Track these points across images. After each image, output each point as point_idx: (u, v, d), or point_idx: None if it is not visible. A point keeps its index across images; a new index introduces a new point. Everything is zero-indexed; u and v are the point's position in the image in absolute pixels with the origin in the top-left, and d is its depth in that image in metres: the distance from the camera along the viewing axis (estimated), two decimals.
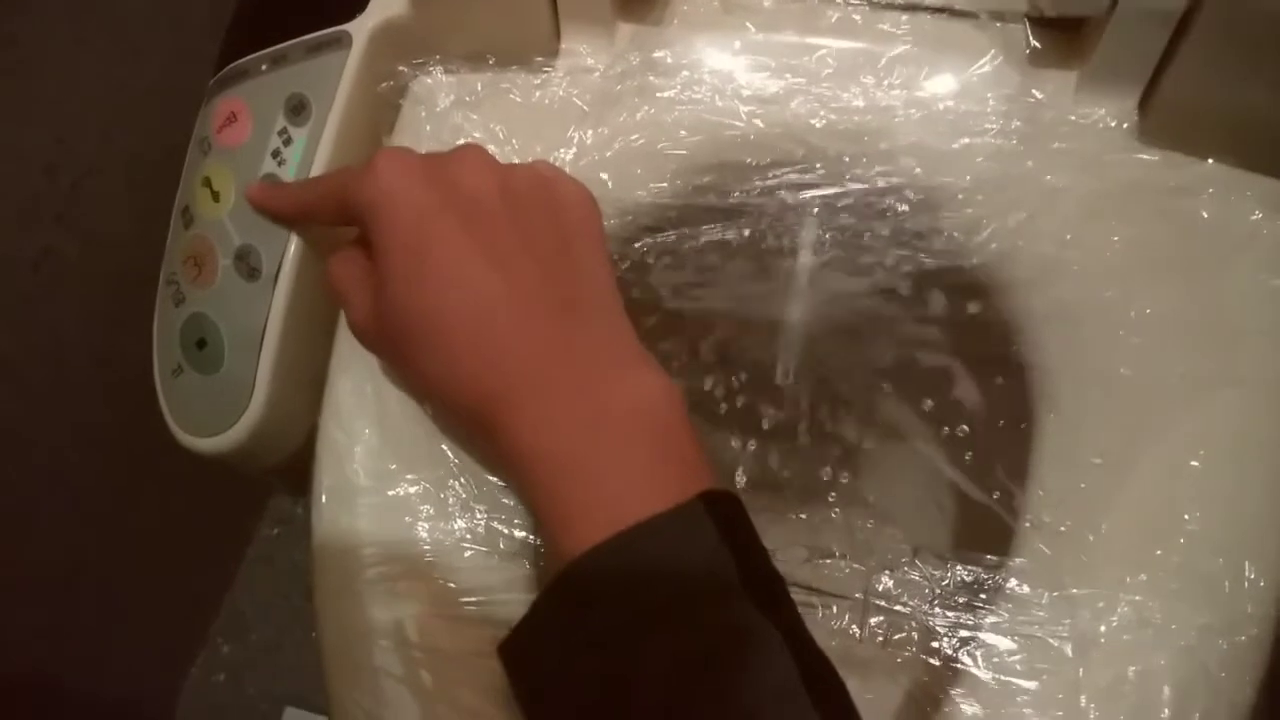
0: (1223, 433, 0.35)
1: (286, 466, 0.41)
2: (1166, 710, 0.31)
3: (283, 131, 0.40)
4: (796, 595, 0.29)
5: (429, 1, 0.41)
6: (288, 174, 0.40)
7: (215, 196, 0.40)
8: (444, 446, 0.35)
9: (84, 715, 0.67)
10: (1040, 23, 0.40)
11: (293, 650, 0.79)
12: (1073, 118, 0.39)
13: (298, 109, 0.41)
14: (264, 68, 0.42)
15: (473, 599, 0.34)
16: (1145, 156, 0.39)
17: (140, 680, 0.74)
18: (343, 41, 0.41)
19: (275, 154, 0.40)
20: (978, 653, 0.33)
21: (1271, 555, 0.33)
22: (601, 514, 0.27)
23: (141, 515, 0.67)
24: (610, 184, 0.40)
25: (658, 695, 0.26)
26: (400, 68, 0.42)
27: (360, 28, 0.41)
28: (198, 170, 0.42)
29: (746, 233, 0.41)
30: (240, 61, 0.43)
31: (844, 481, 0.47)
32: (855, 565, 0.36)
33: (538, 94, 0.42)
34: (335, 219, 0.35)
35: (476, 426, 0.31)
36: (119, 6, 0.52)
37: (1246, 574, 0.33)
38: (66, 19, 0.49)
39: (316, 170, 0.40)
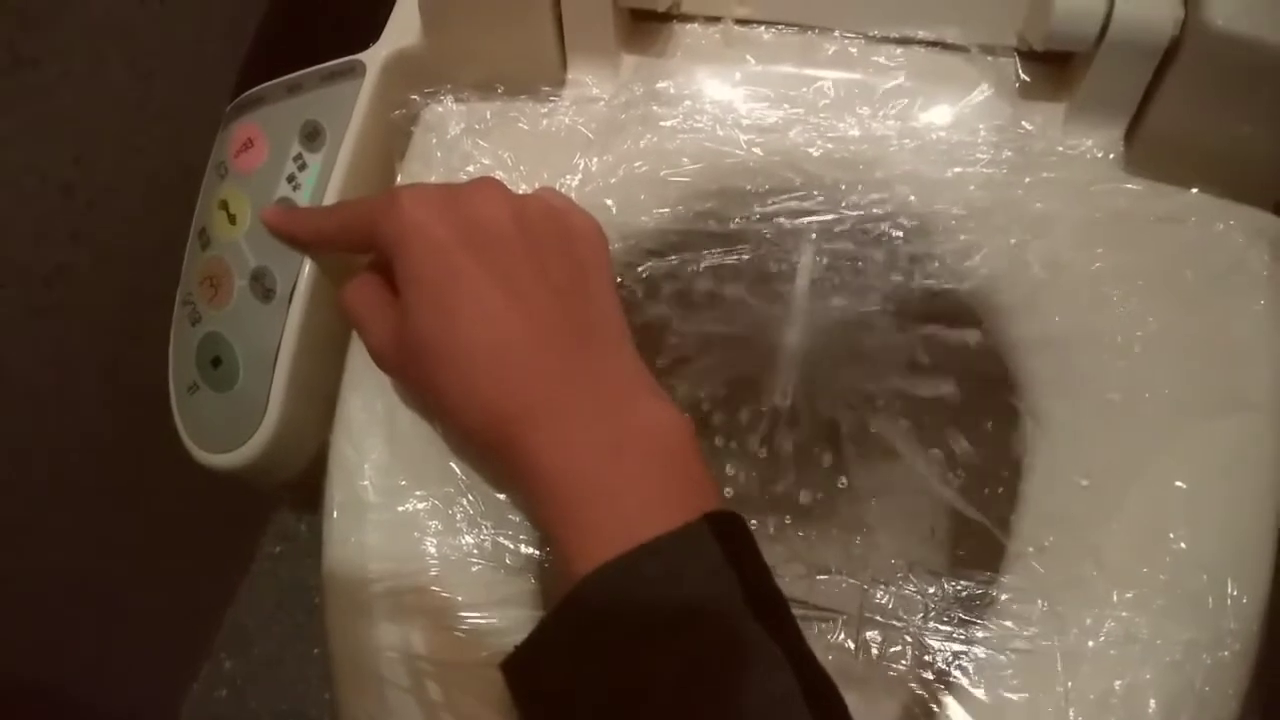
0: (1208, 454, 0.36)
1: (298, 482, 0.42)
2: None
3: (298, 157, 0.42)
4: (794, 611, 0.30)
5: (441, 33, 0.43)
6: (302, 199, 0.41)
7: (231, 219, 0.42)
8: (452, 464, 0.36)
9: None
10: (1030, 56, 0.42)
11: (295, 666, 0.79)
12: (1061, 148, 0.40)
13: (312, 135, 0.42)
14: (280, 95, 0.43)
15: (479, 613, 0.35)
16: (1132, 186, 0.40)
17: (142, 694, 0.74)
18: (356, 70, 0.43)
19: (290, 179, 0.41)
20: (970, 667, 0.34)
21: (1254, 572, 0.34)
22: (614, 534, 0.28)
23: (145, 529, 0.67)
24: (614, 209, 0.41)
25: (659, 709, 0.27)
26: (412, 96, 0.43)
27: (374, 57, 0.43)
28: (215, 193, 0.43)
29: (746, 257, 0.42)
30: (257, 88, 0.44)
31: (841, 500, 0.48)
32: (851, 581, 0.37)
33: (545, 122, 0.43)
34: (353, 247, 0.36)
35: (491, 448, 0.32)
36: (138, 30, 0.53)
37: (1230, 591, 0.33)
38: (87, 42, 0.50)
39: (331, 195, 0.41)
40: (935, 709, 0.33)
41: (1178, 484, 0.35)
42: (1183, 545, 0.34)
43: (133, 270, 0.58)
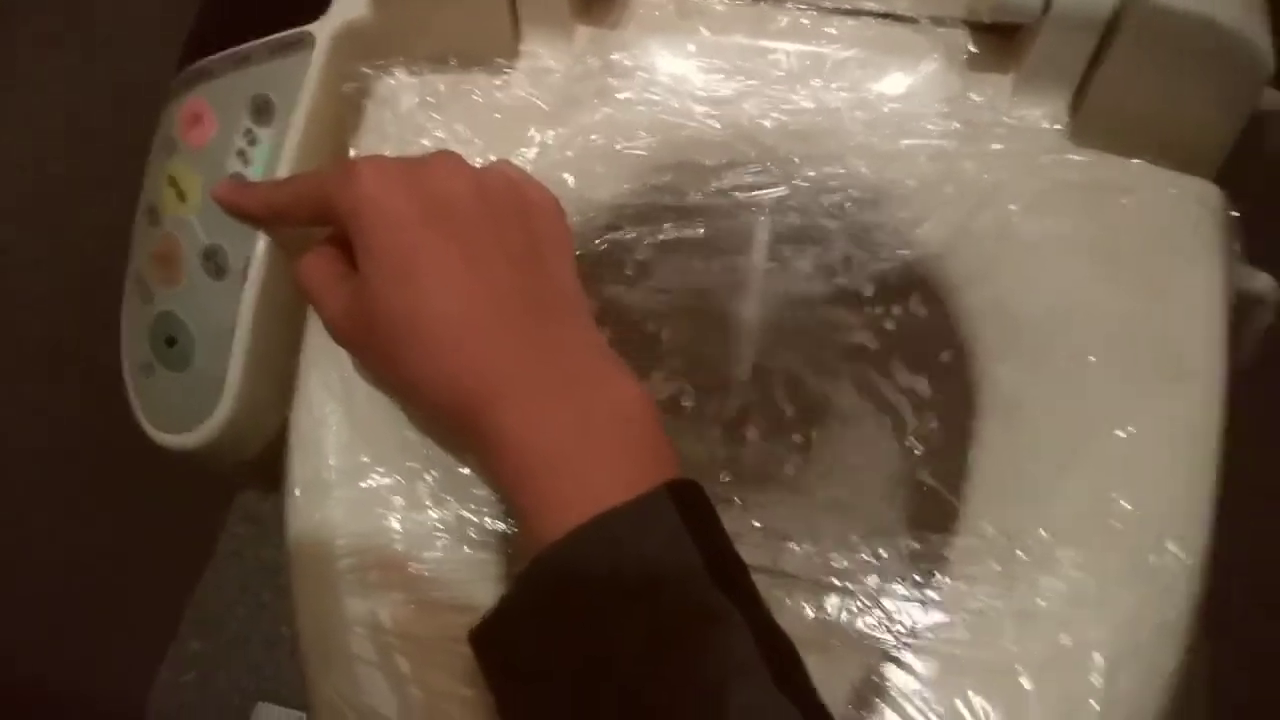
0: (1152, 419, 0.37)
1: (258, 461, 0.42)
2: (1099, 678, 0.33)
3: (247, 132, 0.41)
4: (755, 578, 0.31)
5: (390, 4, 0.42)
6: (253, 174, 0.40)
7: (181, 196, 0.41)
8: (415, 439, 0.36)
9: (53, 716, 0.67)
10: (978, 28, 0.42)
11: (262, 646, 0.79)
12: (1008, 119, 0.41)
13: (262, 109, 0.41)
14: (228, 68, 0.42)
15: (446, 587, 0.35)
16: (1077, 157, 0.41)
17: (109, 679, 0.74)
18: (306, 43, 0.42)
19: (240, 154, 0.41)
20: (924, 627, 0.35)
21: (1195, 534, 0.35)
22: (578, 504, 0.29)
23: (108, 514, 0.67)
24: (571, 183, 0.41)
25: (624, 674, 0.28)
26: (363, 69, 0.43)
27: (323, 29, 0.42)
28: (163, 170, 0.42)
29: (702, 231, 0.42)
30: (203, 61, 0.43)
31: (800, 469, 0.49)
32: (810, 548, 0.38)
33: (499, 95, 0.43)
34: (309, 220, 0.36)
35: (456, 421, 0.32)
36: (82, 6, 0.52)
37: (1171, 549, 0.35)
38: (32, 19, 0.49)
39: (283, 170, 0.40)
40: (892, 669, 0.34)
41: (1122, 448, 0.36)
42: (1127, 506, 0.35)
43: (86, 250, 0.57)
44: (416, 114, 0.42)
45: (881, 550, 0.37)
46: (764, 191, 0.42)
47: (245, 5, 0.45)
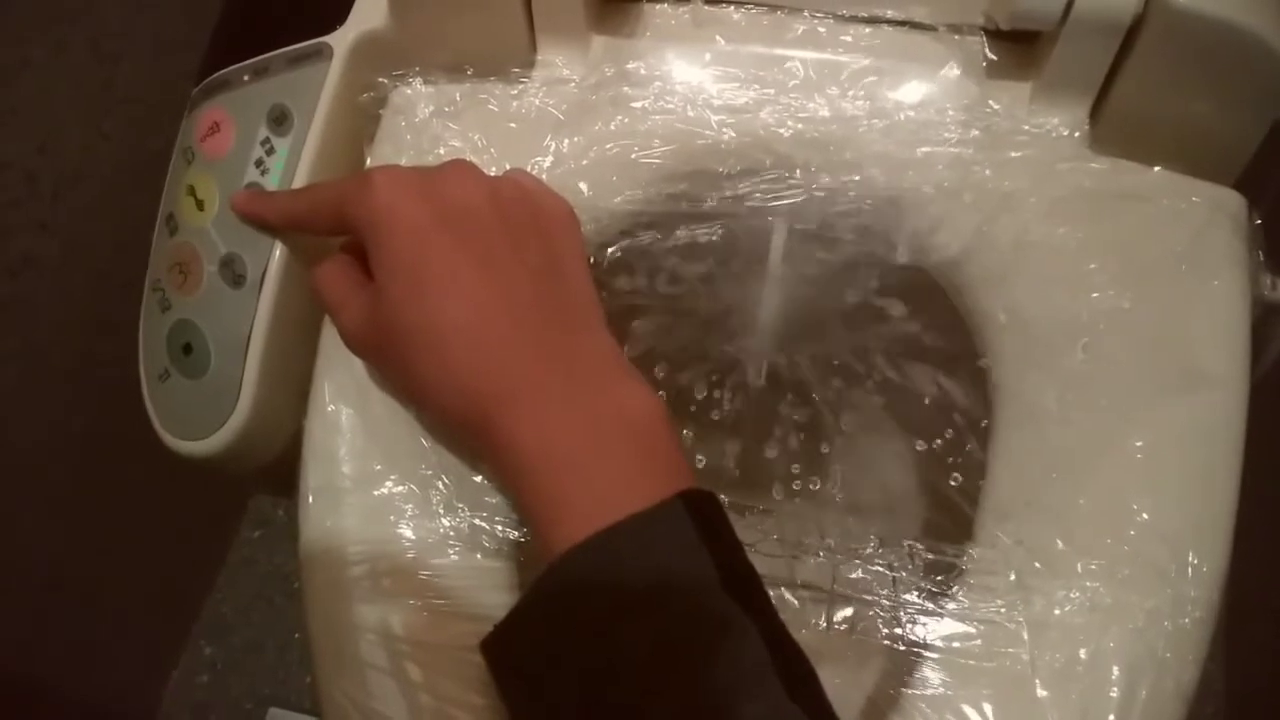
0: (1170, 428, 0.37)
1: (272, 468, 0.42)
2: (1116, 689, 0.32)
3: (265, 141, 0.41)
4: (767, 587, 0.31)
5: (407, 14, 0.42)
6: (271, 183, 0.41)
7: (200, 205, 0.41)
8: (428, 447, 0.37)
9: (67, 718, 0.68)
10: (996, 36, 0.42)
11: (275, 651, 0.79)
12: (1027, 127, 0.41)
13: (280, 119, 0.42)
14: (246, 79, 0.43)
15: (457, 595, 0.35)
16: (1096, 164, 0.40)
17: (123, 683, 0.74)
18: (323, 53, 0.42)
19: (258, 163, 0.41)
20: (939, 638, 0.34)
21: (1214, 543, 0.35)
22: (590, 512, 0.29)
23: (122, 518, 0.67)
24: (586, 191, 0.41)
25: (635, 683, 0.28)
26: (380, 79, 0.43)
27: (341, 40, 0.42)
28: (182, 179, 0.42)
29: (718, 238, 0.42)
30: (222, 72, 0.43)
31: (813, 477, 0.49)
32: (823, 558, 0.38)
33: (515, 104, 0.43)
34: (326, 229, 0.36)
35: (468, 427, 0.32)
36: (99, 14, 0.53)
37: (1190, 560, 0.34)
38: (45, 27, 0.50)
39: (300, 180, 0.41)
40: (906, 680, 0.34)
41: (1141, 457, 0.36)
42: (1146, 516, 0.35)
43: (101, 258, 0.57)
44: (433, 123, 0.42)
45: (896, 560, 0.36)
46: (780, 199, 0.42)
47: (264, 17, 0.45)
